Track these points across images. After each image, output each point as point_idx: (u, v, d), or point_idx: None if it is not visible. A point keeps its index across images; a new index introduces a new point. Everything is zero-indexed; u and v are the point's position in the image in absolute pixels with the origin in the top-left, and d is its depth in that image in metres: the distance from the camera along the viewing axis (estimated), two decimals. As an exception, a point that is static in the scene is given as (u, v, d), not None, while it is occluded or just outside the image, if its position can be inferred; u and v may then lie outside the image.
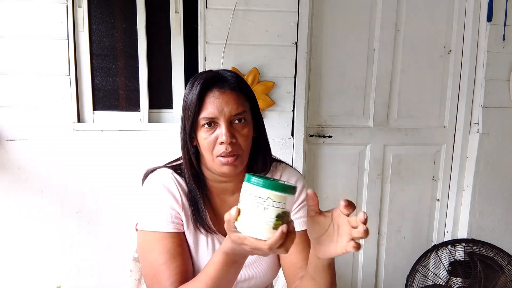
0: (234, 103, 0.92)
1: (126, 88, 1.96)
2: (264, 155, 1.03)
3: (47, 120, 1.81)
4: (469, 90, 2.21)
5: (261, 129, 1.02)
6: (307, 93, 2.06)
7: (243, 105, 0.94)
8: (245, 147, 0.94)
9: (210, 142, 0.92)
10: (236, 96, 0.93)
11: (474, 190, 2.25)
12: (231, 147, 0.91)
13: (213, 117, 0.91)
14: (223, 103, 0.91)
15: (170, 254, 0.93)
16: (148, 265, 0.94)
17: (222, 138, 0.90)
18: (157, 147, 1.87)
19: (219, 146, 0.92)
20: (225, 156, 0.91)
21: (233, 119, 0.92)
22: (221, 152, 0.91)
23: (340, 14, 2.09)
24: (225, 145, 0.90)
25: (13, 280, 1.87)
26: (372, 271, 2.34)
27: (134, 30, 1.91)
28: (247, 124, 0.95)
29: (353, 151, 2.21)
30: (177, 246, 0.94)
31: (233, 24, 1.87)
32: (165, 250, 0.93)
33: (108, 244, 1.92)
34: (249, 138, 0.95)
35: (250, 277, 1.04)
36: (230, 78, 0.95)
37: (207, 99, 0.92)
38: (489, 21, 2.11)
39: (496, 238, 2.27)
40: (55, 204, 1.86)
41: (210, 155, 0.93)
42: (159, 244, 0.94)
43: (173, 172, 1.01)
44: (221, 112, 0.91)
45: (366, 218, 0.73)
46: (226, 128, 0.90)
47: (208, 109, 0.91)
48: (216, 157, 0.92)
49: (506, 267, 2.09)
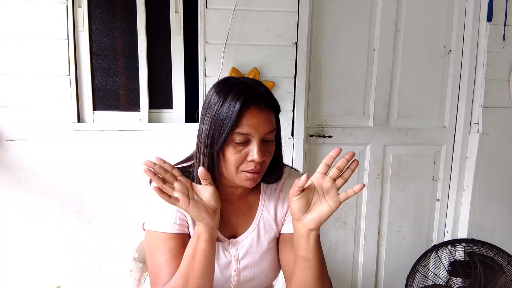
0: (269, 122, 0.93)
1: (126, 88, 1.96)
2: (280, 168, 1.05)
3: (47, 120, 1.81)
4: (469, 90, 2.21)
5: (280, 140, 1.03)
6: (307, 93, 2.06)
7: (274, 123, 0.95)
8: (268, 163, 0.97)
9: (239, 158, 0.92)
10: (271, 114, 0.94)
11: (474, 190, 2.25)
12: (260, 166, 0.92)
13: (247, 134, 0.91)
14: (259, 122, 0.91)
15: (172, 254, 0.95)
16: (152, 263, 0.97)
17: (253, 157, 0.91)
18: (157, 147, 1.88)
19: (248, 163, 0.92)
20: (252, 172, 0.93)
21: (265, 137, 0.93)
22: (249, 169, 0.92)
23: (340, 14, 2.09)
24: (255, 163, 0.91)
25: (13, 280, 1.88)
26: (372, 271, 2.34)
27: (134, 30, 1.91)
28: (273, 142, 0.97)
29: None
30: (180, 246, 0.96)
31: (233, 24, 1.87)
32: (167, 250, 0.95)
33: (108, 244, 1.92)
34: (272, 154, 0.98)
35: (253, 277, 1.05)
36: (264, 95, 0.93)
37: (244, 115, 0.90)
38: (489, 21, 2.11)
39: (496, 238, 2.27)
40: (55, 204, 1.86)
41: (234, 169, 0.93)
42: (163, 244, 0.96)
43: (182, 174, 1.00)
44: (257, 131, 0.91)
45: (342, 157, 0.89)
46: (258, 147, 0.91)
47: (244, 126, 0.90)
48: (242, 172, 0.93)
49: (506, 267, 2.09)
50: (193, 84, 1.99)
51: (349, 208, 2.26)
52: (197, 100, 1.99)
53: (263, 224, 1.06)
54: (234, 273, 1.03)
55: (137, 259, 1.24)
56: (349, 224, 2.27)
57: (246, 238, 1.04)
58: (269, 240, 1.06)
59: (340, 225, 2.26)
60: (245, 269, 1.04)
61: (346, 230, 2.27)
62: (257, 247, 1.04)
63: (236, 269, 1.03)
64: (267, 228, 1.06)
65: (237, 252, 1.03)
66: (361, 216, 2.28)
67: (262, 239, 1.05)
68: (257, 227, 1.05)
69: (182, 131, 1.91)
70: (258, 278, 1.06)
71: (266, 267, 1.05)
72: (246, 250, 1.03)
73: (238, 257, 1.03)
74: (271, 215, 1.06)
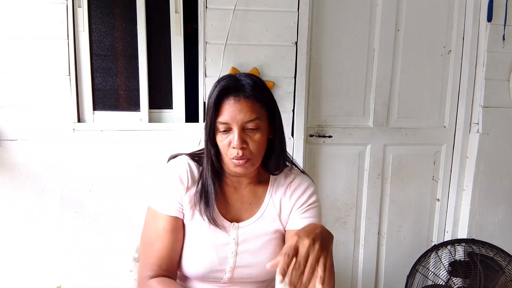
0: (247, 111, 0.99)
1: (126, 88, 1.96)
2: (277, 157, 1.09)
3: (47, 120, 1.81)
4: (469, 90, 2.21)
5: (277, 131, 1.08)
6: (307, 93, 2.06)
7: (257, 112, 1.00)
8: (256, 151, 1.02)
9: (224, 145, 1.01)
10: (250, 104, 1.00)
11: (474, 190, 2.25)
12: (242, 152, 0.99)
13: (226, 123, 0.99)
14: (236, 111, 0.98)
15: (158, 233, 1.05)
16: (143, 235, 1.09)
17: (234, 143, 0.99)
18: (157, 147, 1.88)
19: (232, 150, 1.00)
20: (237, 159, 1.00)
21: (245, 126, 1.00)
22: (233, 156, 1.00)
23: (340, 14, 2.09)
24: (237, 149, 0.99)
25: (13, 280, 1.88)
26: (372, 271, 2.34)
27: (134, 30, 1.91)
28: (259, 130, 1.01)
29: (353, 151, 2.21)
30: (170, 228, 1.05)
31: (233, 24, 1.87)
32: (155, 228, 1.06)
33: (108, 244, 1.92)
34: (261, 143, 1.02)
35: (250, 264, 1.08)
36: (246, 86, 1.01)
37: (223, 105, 1.00)
38: (489, 21, 2.11)
39: (496, 238, 2.27)
40: (55, 204, 1.86)
41: (225, 157, 1.03)
42: (154, 221, 1.07)
43: (189, 159, 1.10)
44: (234, 119, 0.99)
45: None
46: (238, 135, 0.98)
47: (223, 115, 0.99)
48: (230, 159, 1.01)
49: (506, 267, 2.09)
50: (193, 84, 1.99)
51: (349, 208, 2.26)
52: (197, 100, 1.99)
53: (268, 215, 1.11)
54: (232, 254, 1.07)
55: (137, 259, 1.24)
56: (349, 224, 2.27)
57: (249, 224, 1.10)
58: (271, 231, 1.10)
59: (340, 225, 2.26)
60: (244, 253, 1.08)
61: (346, 230, 2.27)
62: (258, 235, 1.09)
63: (234, 251, 1.07)
64: (271, 219, 1.11)
65: (237, 236, 1.08)
66: (361, 216, 2.28)
67: (264, 228, 1.10)
68: (262, 216, 1.11)
69: (182, 131, 1.91)
70: (258, 266, 1.08)
71: (265, 257, 1.08)
72: (247, 236, 1.08)
73: (237, 240, 1.08)
74: (277, 209, 1.12)
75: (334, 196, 2.21)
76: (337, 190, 2.21)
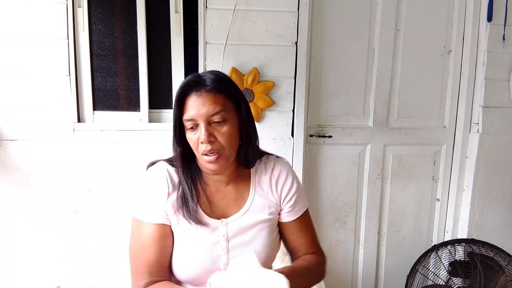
0: (210, 103, 0.98)
1: (126, 88, 1.96)
2: (248, 149, 1.08)
3: (47, 120, 1.81)
4: (469, 90, 2.21)
5: (246, 123, 1.06)
6: (307, 93, 2.06)
7: (221, 104, 0.99)
8: (226, 144, 1.00)
9: (194, 142, 1.01)
10: (213, 96, 0.99)
11: (474, 190, 2.25)
12: (210, 146, 0.98)
13: (192, 119, 0.99)
14: (199, 106, 0.98)
15: (145, 242, 1.03)
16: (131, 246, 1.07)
17: (201, 138, 0.98)
18: (157, 147, 1.87)
19: (201, 145, 0.99)
20: (207, 154, 0.99)
21: (211, 119, 0.99)
22: (203, 151, 0.99)
23: (340, 14, 2.09)
24: (205, 144, 0.98)
25: (13, 280, 1.88)
26: (372, 271, 2.34)
27: (134, 30, 1.91)
28: (227, 123, 1.00)
29: (353, 151, 2.21)
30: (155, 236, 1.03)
31: (233, 24, 1.87)
32: (141, 237, 1.04)
33: (108, 244, 1.92)
34: (230, 135, 1.01)
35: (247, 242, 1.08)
36: (207, 80, 1.01)
37: (186, 102, 1.00)
38: (489, 21, 2.11)
39: (496, 238, 2.27)
40: (55, 204, 1.86)
41: (197, 154, 1.02)
42: (139, 230, 1.05)
43: (167, 164, 1.08)
44: (198, 114, 0.98)
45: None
46: (204, 128, 0.98)
47: (188, 112, 0.99)
48: (201, 155, 1.01)
49: (506, 267, 2.09)
50: (193, 84, 1.99)
51: (349, 208, 2.26)
52: (197, 100, 1.99)
53: (255, 207, 1.11)
54: (223, 251, 1.06)
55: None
56: (349, 224, 2.27)
57: (238, 218, 1.09)
58: (261, 221, 1.10)
59: (340, 225, 2.26)
60: (235, 247, 1.07)
61: (346, 230, 2.27)
62: (248, 227, 1.08)
63: (225, 248, 1.06)
64: (259, 210, 1.11)
65: (226, 232, 1.07)
66: (361, 216, 2.28)
67: (254, 219, 1.09)
68: (249, 209, 1.10)
69: (182, 131, 1.91)
70: None
71: (258, 247, 1.08)
72: (237, 230, 1.08)
73: (227, 236, 1.07)
74: (263, 198, 1.12)
75: (334, 196, 2.22)
76: (337, 190, 2.21)
